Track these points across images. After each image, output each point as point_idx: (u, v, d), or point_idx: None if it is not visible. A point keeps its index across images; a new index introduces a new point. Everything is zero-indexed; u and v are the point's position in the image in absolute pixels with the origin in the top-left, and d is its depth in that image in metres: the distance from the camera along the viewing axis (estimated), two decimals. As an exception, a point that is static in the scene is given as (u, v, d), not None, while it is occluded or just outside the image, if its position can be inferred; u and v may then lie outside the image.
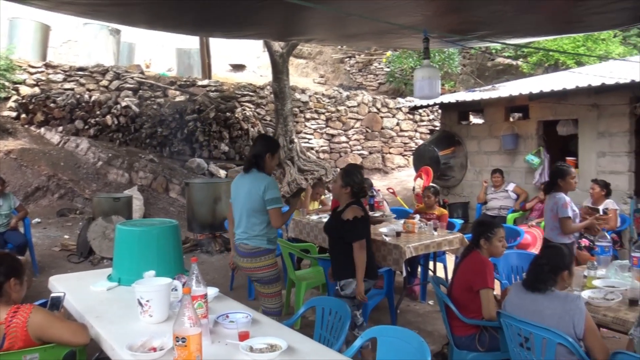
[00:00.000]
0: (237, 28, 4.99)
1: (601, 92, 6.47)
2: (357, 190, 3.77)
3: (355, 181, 3.77)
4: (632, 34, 14.43)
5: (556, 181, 4.51)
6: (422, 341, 2.44)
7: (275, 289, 3.79)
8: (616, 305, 3.09)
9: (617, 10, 3.68)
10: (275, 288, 3.78)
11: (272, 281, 3.77)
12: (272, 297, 3.78)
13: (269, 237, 3.72)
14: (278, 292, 3.81)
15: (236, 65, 16.86)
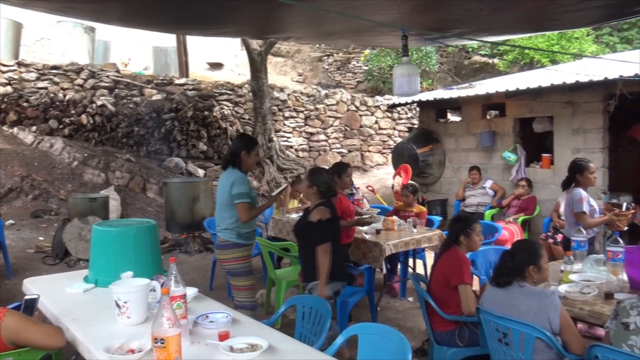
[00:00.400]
0: (214, 26, 4.95)
1: (575, 89, 6.57)
2: (324, 190, 3.75)
3: (321, 180, 3.76)
4: (604, 33, 14.73)
5: (574, 176, 4.46)
6: (403, 338, 2.45)
7: (245, 283, 3.92)
8: (592, 299, 3.14)
9: (588, 9, 3.74)
10: (244, 282, 3.91)
11: (241, 274, 3.90)
12: (241, 290, 3.93)
13: (240, 231, 3.86)
14: (248, 287, 3.94)
15: (214, 63, 16.72)
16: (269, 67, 13.48)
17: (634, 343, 2.39)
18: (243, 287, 3.93)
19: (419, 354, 4.20)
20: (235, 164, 3.89)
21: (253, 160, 3.93)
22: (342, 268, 3.81)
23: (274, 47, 16.35)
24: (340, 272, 3.79)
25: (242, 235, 3.88)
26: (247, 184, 3.84)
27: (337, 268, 3.70)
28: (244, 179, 3.86)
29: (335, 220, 3.77)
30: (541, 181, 7.32)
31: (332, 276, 3.66)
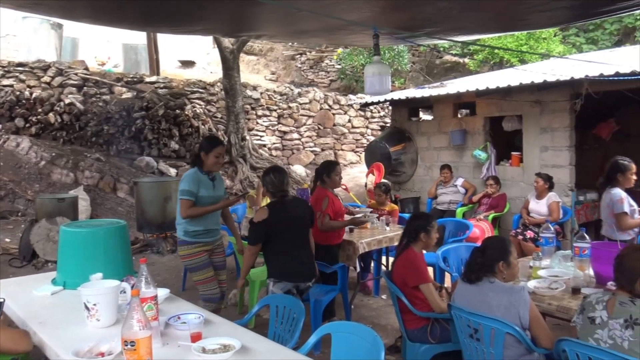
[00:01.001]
0: (184, 24, 4.89)
1: (543, 89, 6.69)
2: (273, 190, 3.74)
3: (267, 181, 3.77)
4: (570, 34, 15.06)
5: (615, 176, 4.34)
6: (376, 336, 2.46)
7: (201, 277, 4.04)
8: (560, 294, 3.22)
9: (556, 9, 3.82)
10: (200, 276, 4.04)
11: (195, 269, 4.04)
12: (199, 283, 4.06)
13: (186, 228, 3.96)
14: (205, 280, 4.04)
15: (185, 61, 16.53)
16: (241, 65, 13.38)
17: (600, 337, 2.46)
18: (200, 281, 4.07)
19: (392, 351, 4.24)
20: (199, 164, 4.01)
21: (212, 161, 3.98)
22: (294, 269, 3.71)
23: (247, 46, 16.24)
24: (290, 272, 3.72)
25: (189, 232, 3.97)
26: (191, 182, 3.90)
27: (287, 269, 3.67)
28: (191, 176, 3.95)
29: (278, 220, 3.65)
30: (511, 179, 7.45)
31: (281, 276, 3.67)
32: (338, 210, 4.77)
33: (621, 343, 2.36)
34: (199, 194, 3.92)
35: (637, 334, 2.32)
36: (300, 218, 3.82)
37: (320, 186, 4.80)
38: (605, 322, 2.44)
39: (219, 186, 4.18)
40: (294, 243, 3.73)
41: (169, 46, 15.11)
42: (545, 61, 9.97)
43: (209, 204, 3.97)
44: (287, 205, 3.76)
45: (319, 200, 4.63)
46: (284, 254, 3.68)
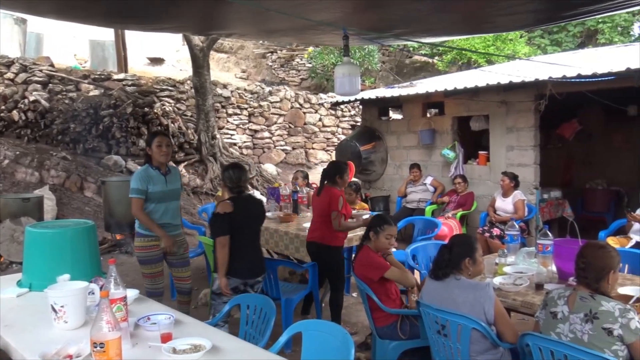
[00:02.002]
0: (153, 21, 4.83)
1: (509, 89, 6.84)
2: (231, 186, 3.78)
3: (226, 176, 3.83)
4: (536, 35, 15.42)
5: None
6: (346, 333, 2.50)
7: (146, 271, 4.18)
8: (524, 290, 3.31)
9: (522, 13, 3.91)
10: (145, 269, 4.18)
11: (143, 262, 4.17)
12: (146, 277, 4.20)
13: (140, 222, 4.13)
14: (150, 274, 4.17)
15: (154, 58, 16.32)
16: (211, 63, 13.26)
17: (561, 331, 2.54)
18: (145, 274, 4.20)
19: (362, 349, 4.29)
20: (148, 161, 4.17)
21: (156, 151, 4.10)
22: (246, 265, 3.74)
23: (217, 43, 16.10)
24: (242, 269, 3.72)
25: (143, 226, 4.13)
26: (139, 180, 4.05)
27: (236, 264, 3.66)
28: (139, 174, 4.09)
29: (239, 216, 3.66)
30: (478, 177, 7.60)
31: (232, 272, 3.66)
32: (349, 210, 4.83)
33: (581, 337, 2.45)
34: (149, 191, 4.06)
35: (596, 327, 2.41)
36: (257, 216, 3.93)
37: (331, 186, 4.66)
38: (567, 316, 2.53)
39: (173, 180, 4.26)
40: (248, 239, 3.77)
41: (137, 43, 14.89)
42: (511, 62, 10.20)
43: (160, 198, 4.11)
44: (247, 202, 3.83)
45: (334, 201, 4.51)
46: (238, 249, 3.67)
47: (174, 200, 4.30)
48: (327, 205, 4.51)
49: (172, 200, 4.26)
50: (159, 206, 4.14)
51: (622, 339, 2.36)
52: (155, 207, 4.13)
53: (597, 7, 3.52)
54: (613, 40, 14.40)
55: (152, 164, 4.15)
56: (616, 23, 14.90)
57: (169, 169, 4.24)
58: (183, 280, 4.40)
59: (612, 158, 8.72)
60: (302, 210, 6.12)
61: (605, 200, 8.44)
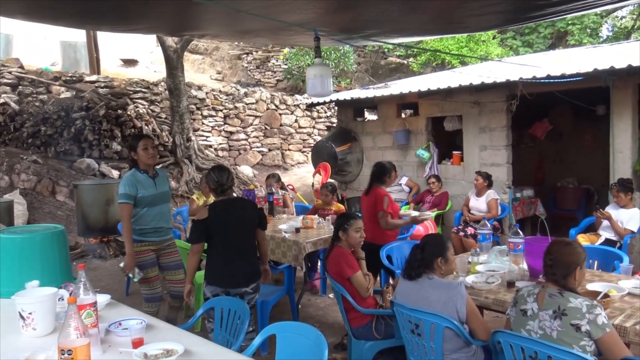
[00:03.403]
0: (125, 22, 4.76)
1: (481, 90, 6.94)
2: (214, 187, 3.66)
3: (209, 178, 3.70)
4: (508, 37, 15.65)
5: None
6: (320, 334, 2.50)
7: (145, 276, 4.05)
8: (496, 288, 3.36)
9: (490, 14, 3.97)
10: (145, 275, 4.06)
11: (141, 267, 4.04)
12: (142, 282, 4.09)
13: (134, 227, 4.00)
14: (147, 279, 4.06)
15: (128, 60, 16.09)
16: (186, 64, 13.16)
17: (531, 328, 2.59)
18: (143, 279, 4.07)
19: (338, 349, 4.30)
20: (137, 166, 4.07)
21: (143, 154, 4.03)
22: (225, 273, 3.56)
23: (192, 44, 15.96)
24: (221, 276, 3.56)
25: (135, 230, 4.02)
26: (128, 184, 3.95)
27: (218, 272, 3.57)
28: (127, 179, 4.00)
29: (217, 221, 3.53)
30: (452, 177, 7.69)
31: (211, 279, 3.56)
32: (396, 209, 4.93)
33: (550, 333, 2.50)
34: (139, 195, 3.96)
35: (565, 324, 2.46)
36: (242, 220, 3.65)
37: (378, 187, 4.84)
38: (536, 313, 2.58)
39: (162, 183, 4.17)
40: (230, 246, 3.58)
41: (110, 44, 14.67)
42: (484, 63, 10.33)
43: (151, 202, 4.02)
44: (229, 206, 3.64)
45: (380, 201, 4.72)
46: (218, 256, 3.57)
47: (164, 203, 4.21)
48: (374, 206, 4.76)
49: (163, 204, 4.17)
50: (150, 210, 4.03)
51: (589, 334, 2.41)
52: (146, 211, 4.02)
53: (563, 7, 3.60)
54: (582, 41, 14.70)
55: (139, 168, 4.05)
56: (585, 25, 15.22)
57: (156, 172, 4.16)
58: (177, 283, 4.25)
59: (582, 157, 8.92)
60: (277, 212, 6.11)
61: (576, 198, 8.61)
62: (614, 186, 5.63)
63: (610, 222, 5.39)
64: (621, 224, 5.37)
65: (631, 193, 5.49)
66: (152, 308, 4.03)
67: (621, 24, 18.73)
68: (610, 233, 5.45)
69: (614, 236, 5.41)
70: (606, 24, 17.57)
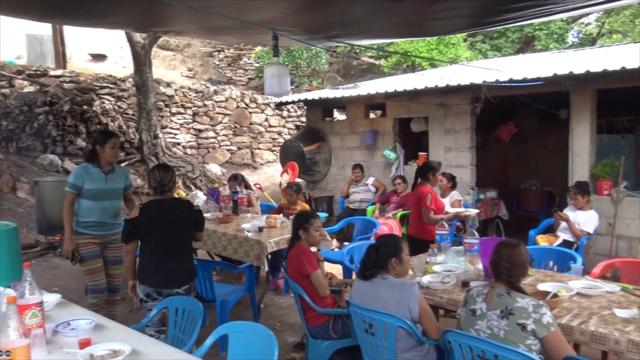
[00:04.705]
0: (90, 16, 4.67)
1: (447, 92, 7.03)
2: (154, 186, 3.60)
3: (151, 176, 3.64)
4: (477, 40, 15.89)
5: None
6: (271, 334, 2.50)
7: (86, 267, 4.12)
8: (451, 288, 3.40)
9: (454, 17, 4.02)
10: (85, 266, 4.13)
11: (81, 260, 4.11)
12: (87, 274, 4.16)
13: (77, 219, 4.12)
14: (90, 270, 4.13)
15: (96, 55, 15.82)
16: (157, 61, 13.02)
17: (480, 327, 2.63)
18: (87, 271, 4.14)
19: (298, 349, 4.31)
20: (94, 159, 4.13)
21: (110, 153, 4.12)
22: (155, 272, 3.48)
23: (163, 41, 15.80)
24: (150, 275, 3.49)
25: (79, 223, 4.10)
26: (75, 175, 4.06)
27: (147, 271, 3.50)
28: (78, 171, 4.10)
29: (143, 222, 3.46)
30: (418, 178, 7.75)
31: (141, 277, 3.50)
32: (440, 205, 5.15)
33: (498, 332, 2.55)
34: (85, 187, 4.05)
35: (512, 323, 2.51)
36: (177, 220, 3.56)
37: (423, 184, 5.13)
38: (485, 313, 2.62)
39: (117, 179, 4.22)
40: (162, 246, 3.50)
41: (78, 38, 14.42)
42: (452, 66, 10.46)
43: (97, 196, 4.09)
44: (165, 206, 3.55)
45: (423, 197, 5.01)
46: (148, 255, 3.52)
47: (113, 200, 4.25)
48: (418, 201, 5.06)
49: (111, 199, 4.21)
50: (95, 204, 4.10)
51: (535, 333, 2.46)
52: (90, 204, 4.10)
53: (520, 14, 3.68)
54: (549, 46, 15.02)
55: (96, 162, 4.13)
56: (552, 30, 15.55)
57: (112, 168, 4.22)
58: (114, 278, 4.34)
59: (545, 159, 9.11)
60: (242, 211, 6.08)
61: (538, 200, 8.79)
62: (571, 189, 5.77)
63: (567, 223, 5.52)
64: (578, 225, 5.51)
65: (588, 195, 5.63)
66: (95, 299, 4.11)
67: (586, 31, 19.21)
68: (568, 234, 5.58)
69: (571, 237, 5.54)
70: (572, 30, 17.99)
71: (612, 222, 5.83)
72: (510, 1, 3.38)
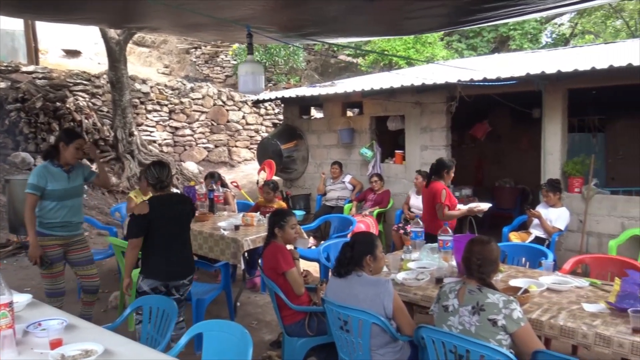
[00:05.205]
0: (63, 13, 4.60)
1: (423, 91, 7.09)
2: (153, 183, 3.67)
3: (148, 174, 3.71)
4: (453, 39, 16.05)
5: None
6: (245, 332, 2.50)
7: (46, 271, 4.03)
8: (425, 284, 3.45)
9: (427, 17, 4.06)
10: (44, 271, 4.04)
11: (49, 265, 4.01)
12: (46, 277, 4.08)
13: (41, 220, 3.98)
14: (50, 274, 4.05)
15: (70, 51, 15.53)
16: (133, 57, 12.83)
17: (452, 323, 2.67)
18: (46, 274, 4.06)
19: (274, 347, 4.31)
20: (54, 157, 4.01)
21: (73, 153, 4.02)
22: (165, 267, 3.61)
23: (139, 37, 15.59)
24: (161, 270, 3.60)
25: (43, 224, 3.98)
26: (37, 176, 3.92)
27: (158, 266, 3.60)
28: (38, 170, 3.96)
29: (156, 216, 3.55)
30: (394, 176, 7.82)
31: (150, 273, 3.58)
32: (454, 202, 5.18)
33: (469, 328, 2.59)
34: (48, 188, 3.94)
35: (483, 319, 2.55)
36: (180, 215, 3.74)
37: (437, 180, 5.17)
38: (457, 309, 2.67)
39: (78, 177, 4.16)
40: (170, 240, 3.64)
41: (52, 34, 14.14)
42: (428, 65, 10.55)
43: (61, 196, 4.00)
44: (167, 201, 3.68)
45: (437, 194, 5.06)
46: (158, 250, 3.59)
47: (76, 198, 4.19)
48: (432, 198, 5.11)
49: (74, 198, 4.15)
50: (60, 204, 4.02)
51: (505, 328, 2.51)
52: (55, 205, 4.01)
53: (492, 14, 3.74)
54: (523, 46, 15.24)
55: (55, 161, 4.01)
56: (526, 30, 15.78)
57: (71, 166, 4.12)
58: (90, 278, 4.26)
59: (519, 158, 9.26)
60: (218, 209, 6.05)
61: (512, 198, 8.92)
62: (543, 186, 5.89)
63: (540, 220, 5.64)
64: (550, 222, 5.62)
65: (559, 193, 5.75)
66: (54, 303, 3.96)
67: (560, 31, 19.56)
68: (540, 231, 5.69)
69: (543, 234, 5.66)
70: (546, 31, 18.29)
71: (583, 218, 5.95)
72: (483, 1, 3.44)
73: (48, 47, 14.77)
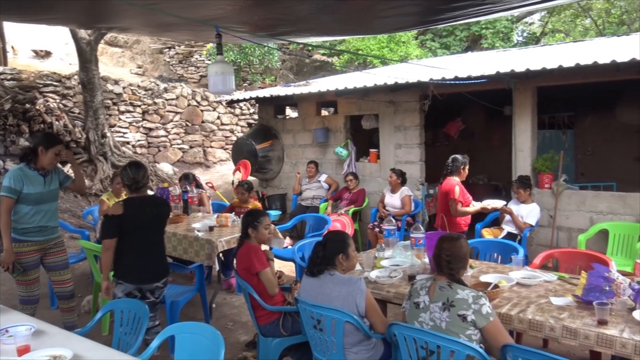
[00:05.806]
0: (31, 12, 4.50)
1: (396, 90, 7.13)
2: (129, 183, 3.63)
3: (124, 175, 3.67)
4: (427, 38, 16.19)
5: None
6: (217, 333, 2.50)
7: (22, 278, 3.95)
8: (398, 282, 3.48)
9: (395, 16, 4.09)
10: (21, 276, 3.94)
11: (21, 272, 3.92)
12: (20, 284, 3.98)
13: (15, 226, 3.89)
14: (26, 282, 3.96)
15: (40, 51, 15.23)
16: (105, 57, 12.63)
17: (423, 320, 2.71)
18: (21, 281, 3.98)
19: (250, 347, 4.31)
20: (31, 160, 3.93)
21: (51, 159, 3.95)
22: (139, 269, 3.57)
23: (111, 37, 15.36)
24: (135, 273, 3.57)
25: (17, 230, 3.90)
26: (13, 179, 3.83)
27: (127, 269, 3.56)
28: (14, 173, 3.87)
29: (131, 218, 3.51)
30: (369, 175, 7.87)
31: (124, 276, 3.55)
32: (468, 198, 5.36)
33: (440, 324, 2.62)
34: (24, 192, 3.85)
35: (453, 315, 2.59)
36: (154, 217, 3.71)
37: (451, 177, 5.36)
38: (427, 306, 2.70)
39: (54, 180, 4.10)
40: (144, 242, 3.60)
41: (21, 34, 13.84)
42: (402, 64, 10.63)
43: (38, 200, 3.92)
44: (142, 203, 3.64)
45: (451, 190, 5.21)
46: (131, 252, 3.55)
47: (52, 202, 4.12)
48: (446, 194, 5.26)
49: (50, 202, 4.09)
50: (36, 209, 3.94)
51: (474, 323, 2.55)
52: (32, 209, 3.92)
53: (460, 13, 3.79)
54: (495, 45, 15.46)
55: (32, 164, 3.94)
56: (498, 29, 16.01)
57: (47, 170, 4.05)
58: (64, 283, 4.21)
59: (491, 155, 9.38)
60: (192, 210, 6.01)
61: (485, 194, 9.01)
62: (514, 183, 5.99)
63: (511, 216, 5.73)
64: (521, 218, 5.71)
65: (530, 189, 5.85)
66: (27, 310, 3.91)
67: (531, 30, 19.89)
68: (512, 227, 5.78)
69: (515, 230, 5.75)
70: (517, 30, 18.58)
71: (553, 214, 6.07)
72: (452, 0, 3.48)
73: (17, 48, 14.47)
